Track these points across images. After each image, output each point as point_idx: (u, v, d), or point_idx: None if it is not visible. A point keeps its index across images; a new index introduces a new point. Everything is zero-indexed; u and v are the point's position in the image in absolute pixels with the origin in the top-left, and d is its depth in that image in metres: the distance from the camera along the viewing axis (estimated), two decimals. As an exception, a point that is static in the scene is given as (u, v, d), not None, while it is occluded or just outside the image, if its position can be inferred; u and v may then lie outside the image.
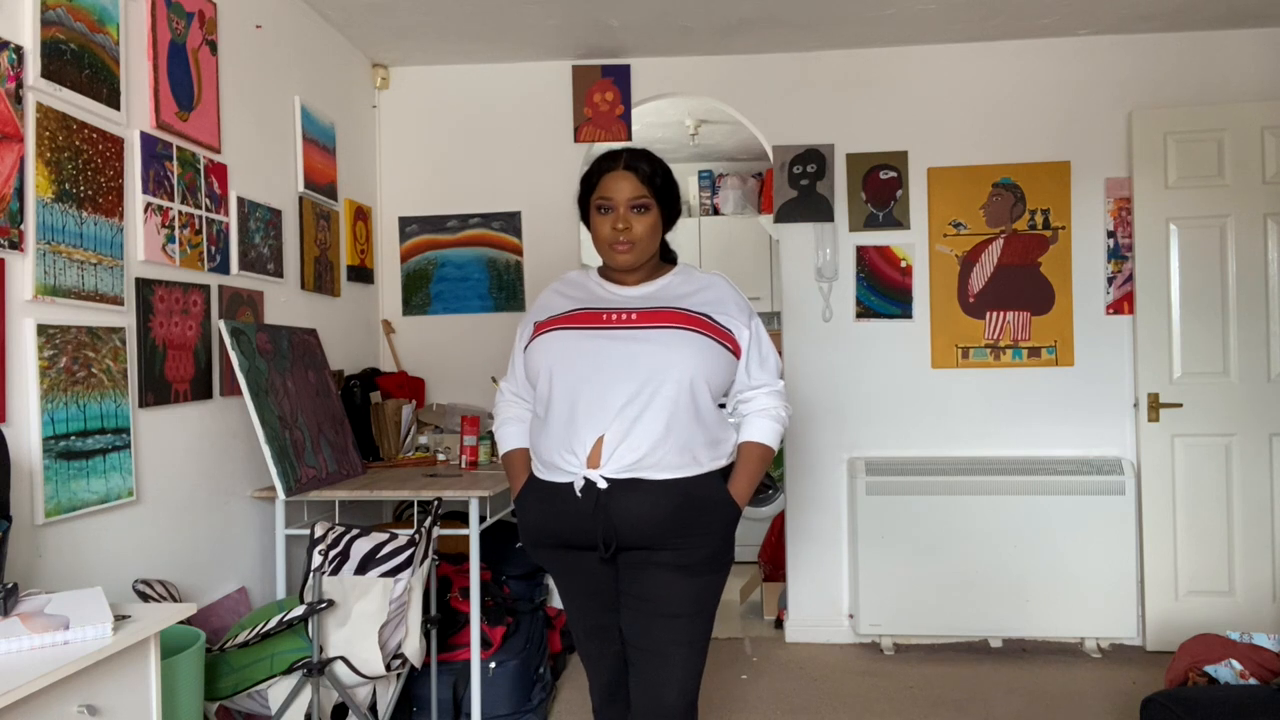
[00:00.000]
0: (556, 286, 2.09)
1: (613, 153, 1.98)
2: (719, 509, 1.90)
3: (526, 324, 2.05)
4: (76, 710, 1.45)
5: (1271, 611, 3.65)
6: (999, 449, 3.89)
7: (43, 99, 2.02)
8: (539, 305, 2.06)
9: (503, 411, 2.12)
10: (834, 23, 3.64)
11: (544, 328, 1.96)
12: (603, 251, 1.97)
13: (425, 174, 4.07)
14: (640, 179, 1.93)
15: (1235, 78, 3.77)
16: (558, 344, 1.91)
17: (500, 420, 2.11)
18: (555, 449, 1.88)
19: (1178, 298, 3.72)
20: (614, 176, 1.93)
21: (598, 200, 1.95)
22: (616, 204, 1.93)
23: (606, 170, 1.95)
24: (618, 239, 1.92)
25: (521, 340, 2.05)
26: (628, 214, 1.92)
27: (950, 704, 3.26)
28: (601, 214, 1.94)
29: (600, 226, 1.95)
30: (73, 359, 2.09)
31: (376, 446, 3.47)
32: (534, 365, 1.95)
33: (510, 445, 2.08)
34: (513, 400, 2.10)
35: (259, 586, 2.90)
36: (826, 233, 3.94)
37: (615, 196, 1.93)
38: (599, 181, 1.95)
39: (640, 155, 1.97)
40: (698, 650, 1.93)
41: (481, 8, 3.42)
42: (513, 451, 2.07)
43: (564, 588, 2.05)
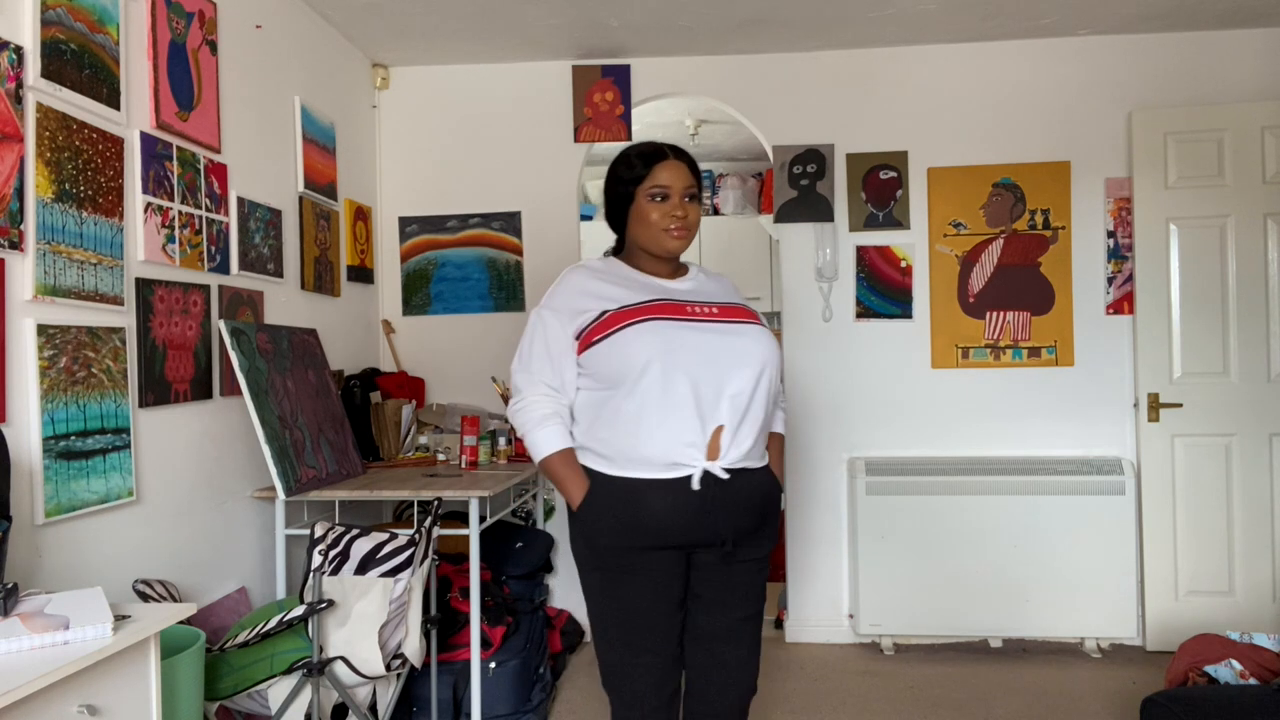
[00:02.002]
0: (594, 274, 1.98)
1: (653, 145, 2.01)
2: (778, 502, 2.02)
3: (570, 313, 1.92)
4: (76, 710, 1.45)
5: (1271, 611, 3.65)
6: (999, 449, 3.89)
7: (43, 99, 2.02)
8: (585, 292, 1.94)
9: (538, 408, 1.92)
10: (834, 23, 3.64)
11: (628, 317, 1.87)
12: (655, 237, 1.96)
13: (425, 174, 4.07)
14: (690, 170, 2.00)
15: (1235, 78, 3.77)
16: (658, 334, 1.85)
17: (537, 418, 1.91)
18: (668, 443, 1.83)
19: (1178, 298, 3.72)
20: (668, 165, 1.96)
21: (653, 189, 1.95)
22: (673, 192, 1.96)
23: (658, 160, 1.96)
24: (674, 225, 1.95)
25: (564, 330, 1.91)
26: (683, 202, 1.96)
27: (950, 704, 3.26)
28: (656, 201, 1.95)
29: (653, 213, 1.95)
30: (73, 359, 2.09)
31: (376, 446, 3.47)
32: (624, 356, 1.84)
33: (557, 445, 1.91)
34: (547, 395, 1.93)
35: (259, 586, 2.90)
36: (826, 233, 3.94)
37: (673, 184, 1.96)
38: (651, 170, 1.96)
39: (680, 149, 2.03)
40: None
41: (481, 8, 3.42)
42: (562, 452, 1.91)
43: (632, 592, 1.90)
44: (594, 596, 1.97)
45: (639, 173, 1.96)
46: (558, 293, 1.97)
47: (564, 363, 1.92)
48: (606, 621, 1.95)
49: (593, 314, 1.90)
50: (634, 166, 1.97)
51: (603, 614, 1.95)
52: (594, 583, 1.96)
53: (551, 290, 1.98)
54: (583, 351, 1.90)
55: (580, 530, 1.94)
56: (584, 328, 1.90)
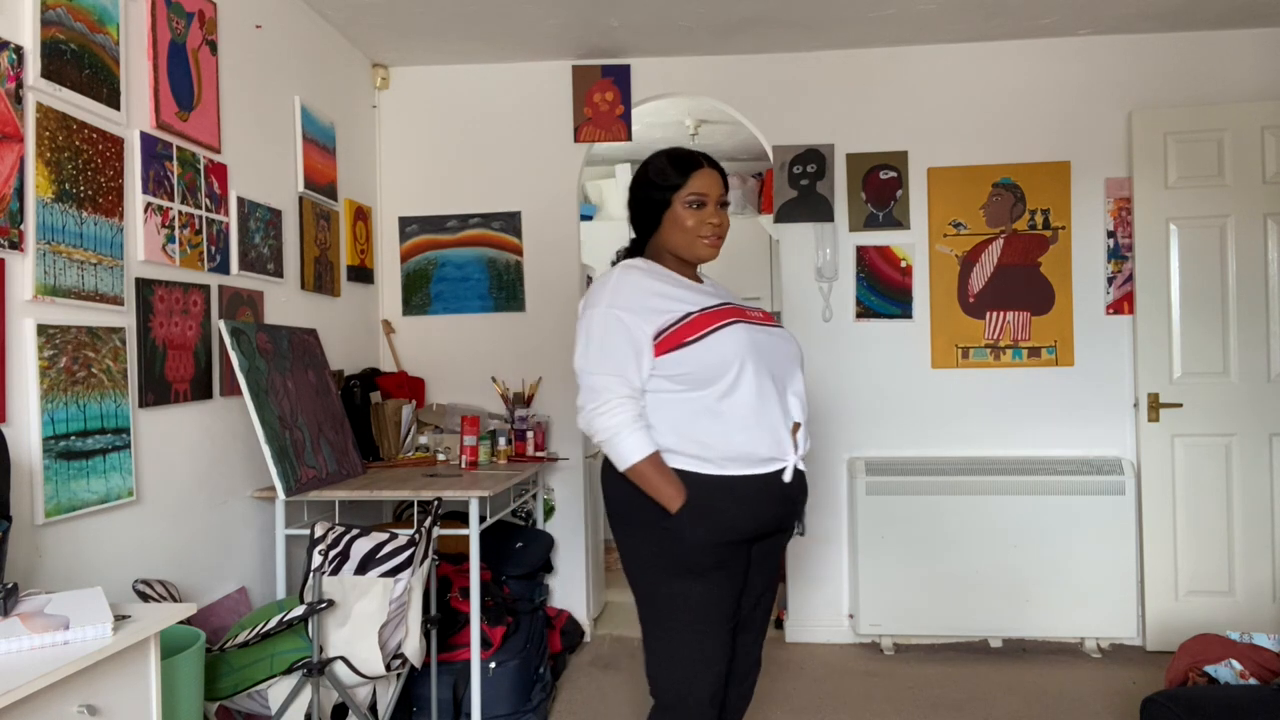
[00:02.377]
0: (650, 275, 1.98)
1: (688, 151, 2.05)
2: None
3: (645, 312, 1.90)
4: (76, 710, 1.45)
5: (1271, 611, 3.65)
6: (999, 449, 3.89)
7: (43, 99, 2.02)
8: (653, 292, 1.93)
9: (623, 411, 1.87)
10: (834, 23, 3.64)
11: (717, 319, 1.90)
12: (690, 243, 2.00)
13: (425, 174, 4.07)
14: (722, 179, 2.06)
15: (1235, 78, 3.77)
16: (744, 336, 1.90)
17: (624, 421, 1.87)
18: (762, 440, 1.90)
19: (1178, 298, 3.72)
20: (705, 174, 2.02)
21: (691, 195, 1.99)
22: (709, 200, 2.00)
23: (695, 168, 2.01)
24: (710, 233, 2.00)
25: (643, 330, 1.89)
26: (717, 210, 2.02)
27: (950, 704, 3.26)
28: (693, 208, 1.99)
29: (690, 219, 1.99)
30: (73, 359, 2.09)
31: (376, 446, 3.47)
32: (720, 357, 1.87)
33: (649, 448, 1.88)
34: (629, 398, 1.89)
35: (259, 586, 2.90)
36: (826, 233, 3.94)
37: (710, 193, 2.01)
38: (689, 178, 2.00)
39: (712, 159, 2.09)
40: None
41: (481, 8, 3.42)
42: (653, 456, 1.88)
43: (719, 590, 1.92)
44: (675, 603, 1.92)
45: (676, 180, 2.00)
46: (623, 292, 1.92)
47: (642, 363, 1.89)
48: (689, 627, 1.92)
49: (675, 315, 1.90)
50: (672, 173, 2.00)
51: (686, 620, 1.92)
52: (680, 588, 1.91)
53: (611, 290, 1.92)
54: (666, 353, 1.88)
55: (675, 533, 1.88)
56: (665, 328, 1.89)
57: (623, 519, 1.99)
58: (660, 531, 1.90)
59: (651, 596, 1.96)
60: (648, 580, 1.96)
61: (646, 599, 1.97)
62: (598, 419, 1.88)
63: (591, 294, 1.96)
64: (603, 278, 1.99)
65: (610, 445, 1.88)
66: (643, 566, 1.96)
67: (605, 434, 1.88)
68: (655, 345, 1.89)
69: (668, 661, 1.95)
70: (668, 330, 1.89)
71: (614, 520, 2.03)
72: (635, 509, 1.93)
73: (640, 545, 1.95)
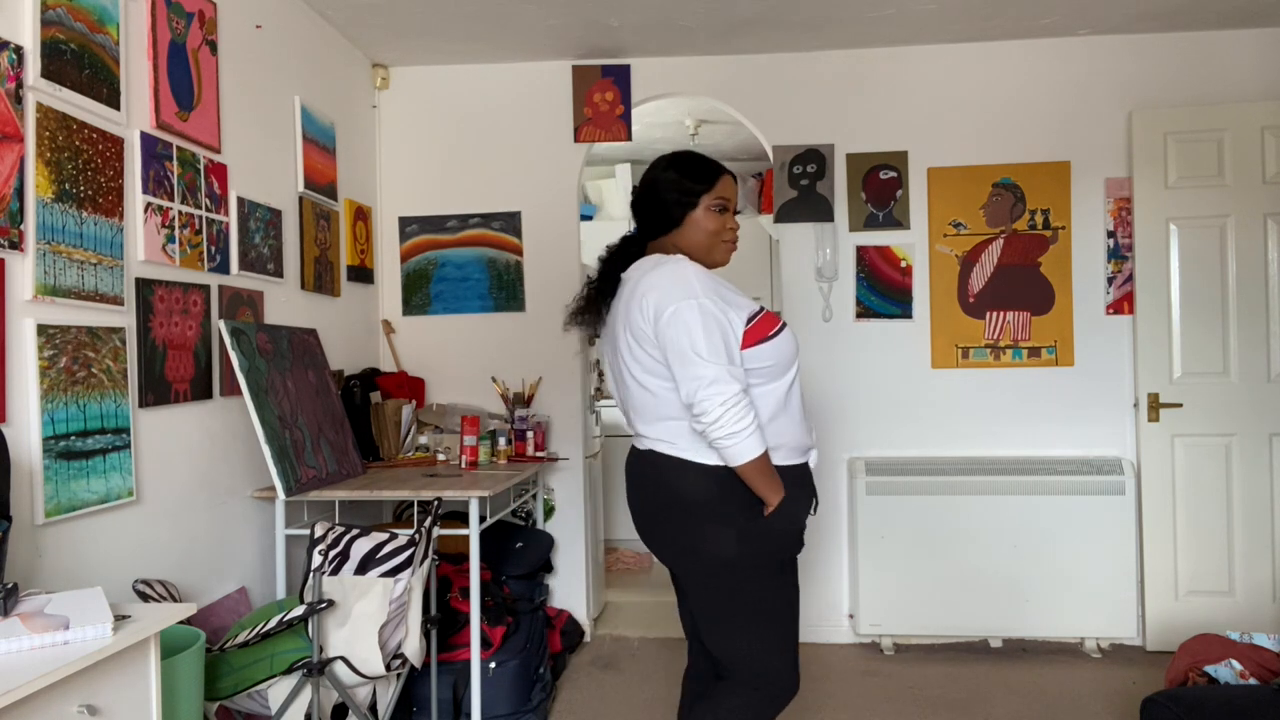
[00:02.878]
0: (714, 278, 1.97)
1: (709, 158, 2.09)
2: None
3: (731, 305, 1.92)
4: (76, 710, 1.45)
5: (1271, 611, 3.65)
6: (999, 449, 3.89)
7: (43, 99, 2.02)
8: (723, 286, 1.96)
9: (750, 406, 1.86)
10: (834, 23, 3.64)
11: (777, 321, 1.99)
12: (712, 246, 2.05)
13: (425, 174, 4.07)
14: (737, 187, 2.14)
15: (1235, 78, 3.77)
16: (795, 337, 2.03)
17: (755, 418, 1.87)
18: (805, 433, 2.04)
19: (1178, 298, 3.72)
20: (729, 181, 2.07)
21: (717, 200, 2.03)
22: (730, 206, 2.07)
23: (721, 173, 2.06)
24: (732, 238, 2.07)
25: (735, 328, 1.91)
26: (734, 217, 2.09)
27: (950, 704, 3.26)
28: (718, 212, 2.04)
29: (712, 223, 2.04)
30: (73, 359, 2.09)
31: (376, 446, 3.47)
32: (789, 352, 1.98)
33: (765, 445, 1.89)
34: (747, 393, 1.89)
35: (259, 586, 2.90)
36: (826, 233, 3.94)
37: (732, 199, 2.07)
38: (717, 183, 2.04)
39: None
40: None
41: (481, 8, 3.42)
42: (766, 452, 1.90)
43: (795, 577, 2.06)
44: (780, 594, 2.00)
45: (705, 183, 2.03)
46: (704, 285, 1.91)
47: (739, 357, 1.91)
48: (788, 615, 2.03)
49: (753, 309, 1.96)
50: (700, 175, 2.03)
51: (784, 610, 2.02)
52: (780, 579, 2.00)
53: (698, 283, 1.90)
54: (752, 345, 1.92)
55: (767, 525, 1.92)
56: (749, 320, 1.93)
57: (707, 517, 1.94)
58: (749, 526, 1.93)
59: (757, 591, 1.97)
60: (743, 576, 1.96)
61: (744, 595, 1.96)
62: (732, 412, 1.83)
63: (669, 288, 1.90)
64: (671, 272, 1.93)
65: (736, 439, 1.84)
66: (735, 563, 1.94)
67: (736, 427, 1.83)
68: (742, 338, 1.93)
69: (779, 650, 2.01)
70: (750, 323, 1.93)
71: (694, 520, 1.96)
72: (721, 506, 1.93)
73: (729, 542, 1.93)
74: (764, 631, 1.99)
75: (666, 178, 2.05)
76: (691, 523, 1.96)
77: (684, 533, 1.98)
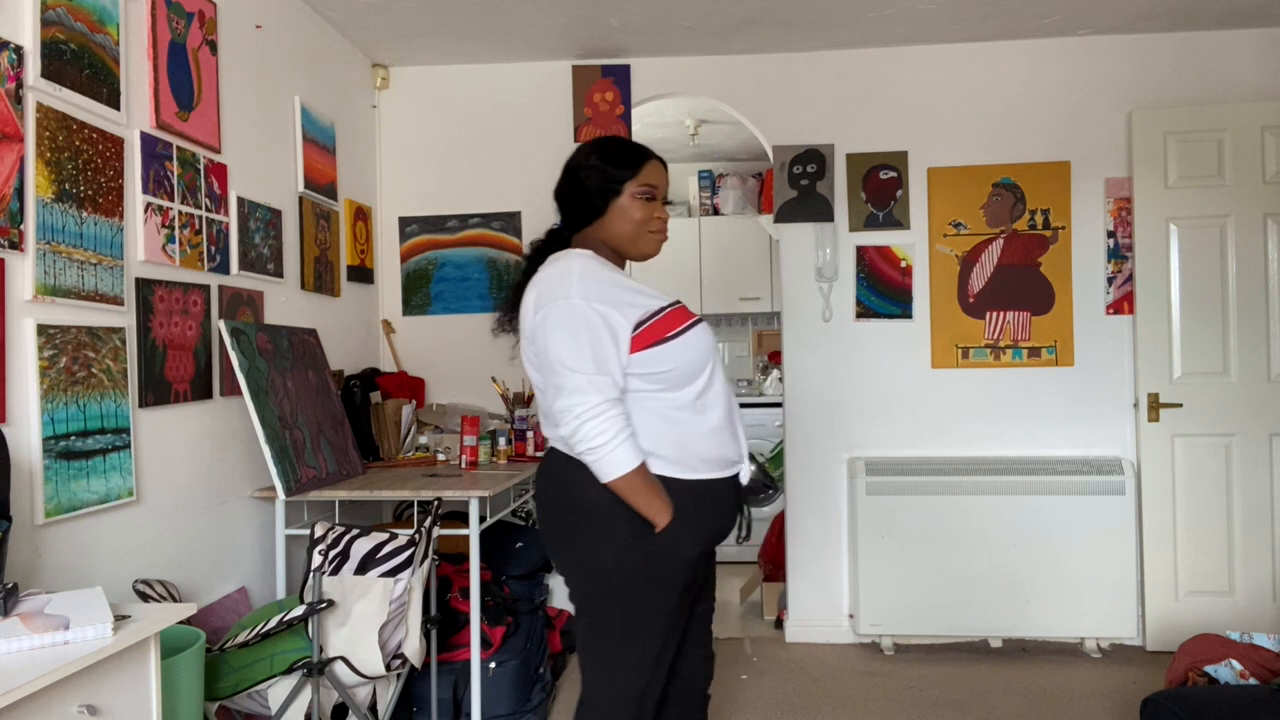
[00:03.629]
0: (606, 266, 1.85)
1: (634, 143, 1.95)
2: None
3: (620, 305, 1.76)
4: (76, 710, 1.45)
5: (1271, 611, 3.65)
6: (999, 449, 3.89)
7: (43, 99, 2.02)
8: (619, 285, 1.80)
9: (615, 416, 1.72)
10: (834, 23, 3.64)
11: (683, 319, 1.81)
12: (637, 237, 1.89)
13: (425, 174, 4.07)
14: (667, 174, 1.96)
15: (1235, 78, 3.77)
16: (710, 336, 1.85)
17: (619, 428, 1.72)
18: (728, 443, 1.85)
19: (1178, 298, 3.72)
20: (656, 166, 1.91)
21: (643, 187, 1.88)
22: (658, 193, 1.91)
23: (647, 158, 1.90)
24: (660, 227, 1.92)
25: (624, 324, 1.75)
26: (662, 205, 1.94)
27: (950, 704, 3.26)
28: (645, 200, 1.89)
29: (638, 211, 1.88)
30: (73, 359, 2.09)
31: (376, 446, 3.47)
32: (696, 355, 1.79)
33: (638, 458, 1.74)
34: (618, 401, 1.74)
35: (259, 586, 2.90)
36: (826, 233, 3.94)
37: (660, 185, 1.91)
38: (643, 168, 1.88)
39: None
40: None
41: (482, 8, 3.42)
42: (643, 465, 1.75)
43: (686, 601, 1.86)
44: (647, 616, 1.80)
45: (629, 169, 1.87)
46: (592, 282, 1.77)
47: (621, 360, 1.75)
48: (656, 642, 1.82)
49: (648, 309, 1.78)
50: (623, 161, 1.88)
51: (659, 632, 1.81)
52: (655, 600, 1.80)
53: (579, 280, 1.76)
54: (645, 349, 1.76)
55: (657, 544, 1.77)
56: (643, 322, 1.76)
57: (582, 527, 1.81)
58: (631, 544, 1.77)
59: (619, 612, 1.80)
60: (610, 595, 1.81)
61: (608, 612, 1.82)
62: (588, 425, 1.70)
63: (549, 286, 1.79)
64: (558, 268, 1.81)
65: (600, 454, 1.71)
66: (605, 580, 1.80)
67: (596, 441, 1.70)
68: (632, 340, 1.76)
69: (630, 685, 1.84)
70: (645, 324, 1.77)
71: (567, 528, 1.84)
72: (603, 517, 1.78)
73: (604, 555, 1.79)
74: (627, 654, 1.81)
75: (589, 164, 1.90)
76: (571, 532, 1.84)
77: (568, 538, 1.85)
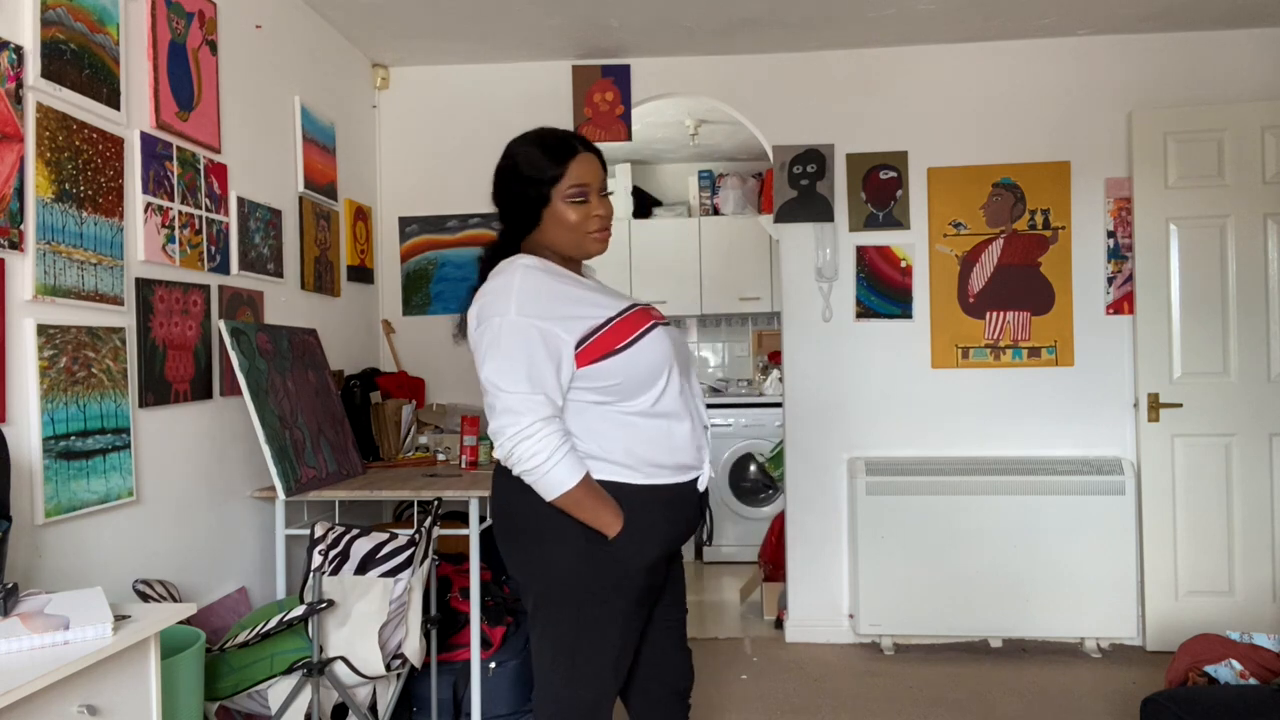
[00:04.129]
0: (553, 276, 1.79)
1: (558, 135, 1.84)
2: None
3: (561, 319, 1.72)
4: (76, 710, 1.45)
5: (1271, 611, 3.65)
6: (999, 449, 3.89)
7: (43, 99, 2.02)
8: (564, 297, 1.76)
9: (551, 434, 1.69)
10: (834, 23, 3.64)
11: (639, 323, 1.77)
12: (577, 241, 1.81)
13: (425, 174, 4.07)
14: (600, 162, 1.85)
15: (1235, 78, 3.77)
16: (667, 341, 1.79)
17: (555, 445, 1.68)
18: (686, 448, 1.81)
19: (1178, 298, 3.72)
20: (583, 160, 1.80)
21: (573, 188, 1.78)
22: (590, 190, 1.80)
23: (570, 154, 1.79)
24: (598, 227, 1.82)
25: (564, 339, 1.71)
26: (601, 200, 1.82)
27: (950, 704, 3.26)
28: (576, 202, 1.79)
29: (575, 214, 1.79)
30: (73, 359, 2.09)
31: (376, 446, 3.47)
32: (649, 364, 1.75)
33: (581, 472, 1.72)
34: (555, 417, 1.71)
35: (259, 586, 2.90)
36: (826, 233, 3.94)
37: (591, 181, 1.80)
38: (567, 168, 1.78)
39: (585, 139, 1.87)
40: None
41: (481, 8, 3.42)
42: (586, 478, 1.72)
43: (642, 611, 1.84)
44: (601, 625, 1.78)
45: (553, 172, 1.77)
46: (532, 298, 1.72)
47: (562, 376, 1.71)
48: (614, 648, 1.80)
49: (596, 320, 1.74)
50: (546, 164, 1.78)
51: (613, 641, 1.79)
52: (609, 610, 1.78)
53: (518, 295, 1.71)
54: (591, 363, 1.72)
55: (610, 554, 1.74)
56: (587, 336, 1.72)
57: (532, 535, 1.79)
58: (585, 550, 1.75)
59: (573, 619, 1.78)
60: (564, 602, 1.79)
61: (560, 621, 1.80)
62: (521, 445, 1.67)
63: (489, 301, 1.74)
64: (499, 281, 1.76)
65: (538, 474, 1.69)
66: (558, 587, 1.79)
67: (532, 462, 1.67)
68: (577, 355, 1.72)
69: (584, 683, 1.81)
70: (591, 337, 1.72)
71: (517, 536, 1.82)
72: (552, 526, 1.75)
73: (556, 565, 1.78)
74: (583, 665, 1.79)
75: (511, 172, 1.81)
76: (521, 541, 1.82)
77: (513, 551, 1.84)
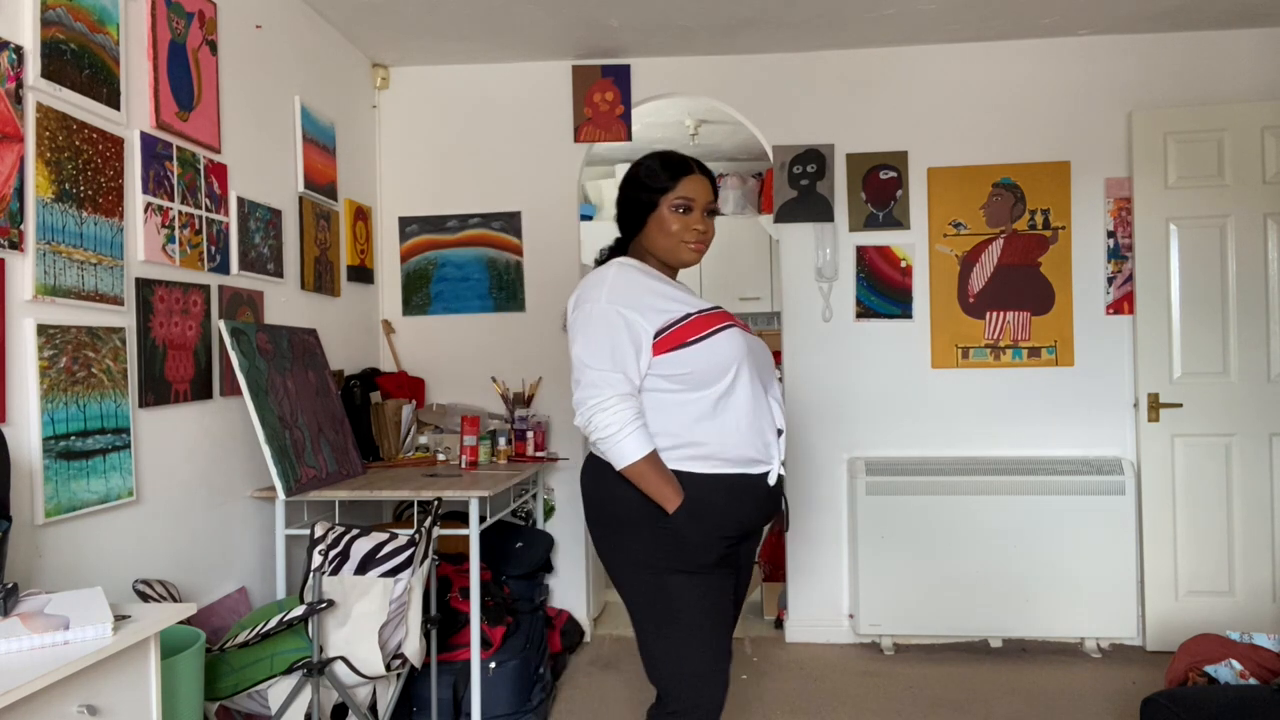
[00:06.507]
0: (646, 274, 1.99)
1: (679, 156, 2.05)
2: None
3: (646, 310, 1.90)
4: (76, 710, 1.45)
5: (1271, 611, 3.65)
6: (999, 449, 3.89)
7: (43, 99, 2.02)
8: (653, 291, 1.94)
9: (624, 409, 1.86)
10: (834, 23, 3.64)
11: (716, 321, 1.93)
12: (674, 248, 2.01)
13: (425, 174, 4.07)
14: (712, 186, 2.05)
15: (1235, 78, 3.77)
16: (740, 341, 1.94)
17: (626, 419, 1.86)
18: (752, 443, 1.94)
19: (1178, 298, 3.72)
20: (694, 179, 2.01)
21: (678, 200, 1.99)
22: (696, 205, 2.01)
23: (685, 173, 2.01)
24: (694, 239, 2.01)
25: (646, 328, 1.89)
26: (703, 217, 2.02)
27: (950, 704, 3.26)
28: (680, 213, 2.00)
29: (674, 224, 2.00)
30: (73, 359, 2.09)
31: (376, 446, 3.47)
32: (721, 359, 1.90)
33: (649, 447, 1.88)
34: (630, 395, 1.89)
35: (259, 586, 2.90)
36: (826, 233, 3.94)
37: (698, 198, 2.01)
38: (679, 182, 2.00)
39: (704, 165, 2.08)
40: None
41: (481, 8, 3.42)
42: (652, 454, 1.89)
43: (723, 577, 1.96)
44: (680, 603, 1.91)
45: (665, 183, 1.99)
46: (622, 290, 1.92)
47: (641, 361, 1.89)
48: (699, 627, 1.91)
49: (676, 314, 1.91)
50: (661, 176, 2.00)
51: (695, 619, 1.91)
52: (683, 587, 1.90)
53: (610, 286, 1.92)
54: (667, 352, 1.89)
55: (673, 532, 1.89)
56: (666, 327, 1.89)
57: (613, 520, 1.97)
58: (656, 531, 1.90)
59: (652, 599, 1.93)
60: (645, 581, 1.94)
61: (646, 602, 1.95)
62: (599, 415, 1.87)
63: (586, 289, 1.95)
64: (597, 274, 1.97)
65: (610, 443, 1.87)
66: (638, 568, 1.94)
67: (606, 431, 1.87)
68: (655, 344, 1.89)
69: (678, 664, 1.93)
70: (669, 329, 1.90)
71: (601, 522, 2.01)
72: (628, 509, 1.92)
73: (634, 546, 1.94)
74: (676, 645, 1.92)
75: (632, 179, 2.05)
76: (605, 526, 1.99)
77: (600, 536, 2.02)
